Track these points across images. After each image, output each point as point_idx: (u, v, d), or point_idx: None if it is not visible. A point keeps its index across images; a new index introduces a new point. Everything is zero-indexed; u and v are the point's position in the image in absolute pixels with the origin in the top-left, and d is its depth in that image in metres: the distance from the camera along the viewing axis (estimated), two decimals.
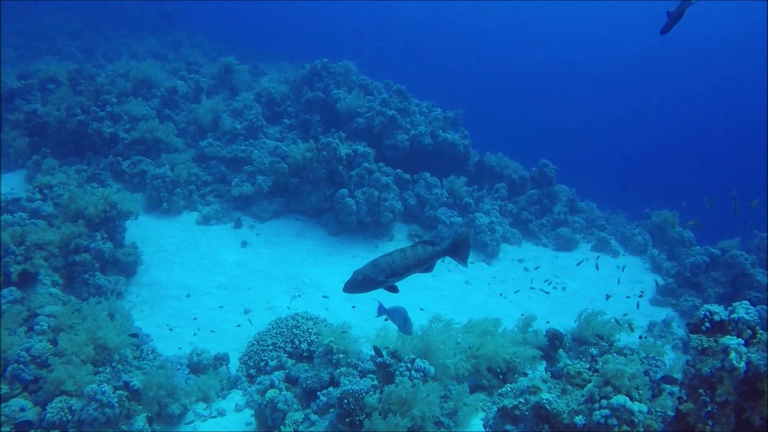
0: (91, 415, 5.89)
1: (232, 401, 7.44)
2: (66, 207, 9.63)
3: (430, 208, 15.17)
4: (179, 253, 11.89)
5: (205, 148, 15.00)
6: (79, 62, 19.71)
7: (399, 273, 4.35)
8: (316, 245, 13.46)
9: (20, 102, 15.20)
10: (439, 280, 13.05)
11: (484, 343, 7.05)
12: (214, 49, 29.31)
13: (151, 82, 16.77)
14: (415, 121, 16.64)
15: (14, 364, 6.12)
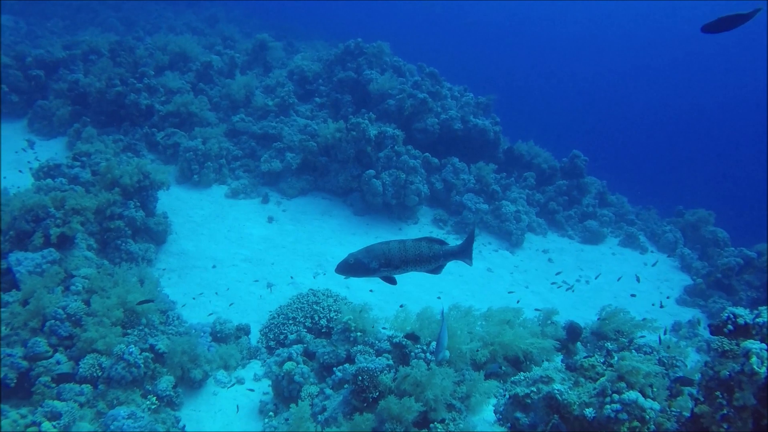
0: (119, 373, 6.19)
1: (251, 371, 7.69)
2: (103, 175, 9.96)
3: (457, 194, 15.15)
4: (207, 224, 12.18)
5: (237, 123, 15.22)
6: (120, 34, 20.11)
7: (394, 264, 4.19)
8: (341, 224, 13.62)
9: (64, 72, 15.65)
10: (461, 265, 13.05)
11: (502, 332, 7.09)
12: (250, 25, 29.47)
13: (187, 56, 17.04)
14: (447, 105, 16.55)
15: (52, 320, 6.45)
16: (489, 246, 14.39)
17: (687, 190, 33.12)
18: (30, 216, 7.80)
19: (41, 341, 6.25)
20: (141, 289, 7.34)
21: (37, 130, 14.51)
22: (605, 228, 16.72)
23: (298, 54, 20.02)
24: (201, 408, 6.83)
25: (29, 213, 7.80)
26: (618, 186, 20.55)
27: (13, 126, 14.67)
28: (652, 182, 35.82)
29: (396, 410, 5.43)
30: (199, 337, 7.54)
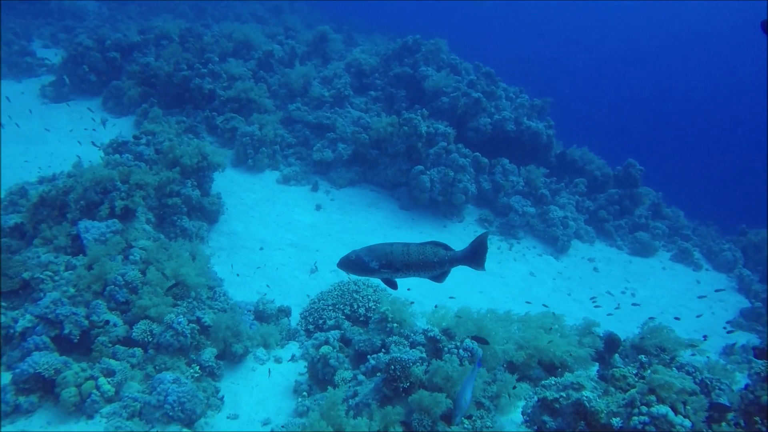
0: (167, 340, 6.60)
1: (289, 351, 8.00)
2: (165, 154, 10.52)
3: (504, 195, 15.08)
4: (258, 208, 12.64)
5: (293, 112, 15.64)
6: (190, 21, 20.99)
7: (396, 267, 4.02)
8: (387, 217, 13.83)
9: (138, 55, 16.53)
10: (504, 267, 13.07)
11: (538, 337, 7.10)
12: (312, 17, 30.04)
13: (250, 44, 17.61)
14: (500, 105, 16.45)
15: (111, 286, 6.94)
16: (533, 250, 14.27)
17: (754, 209, 31.54)
18: (99, 188, 8.37)
19: (101, 304, 6.75)
20: (192, 264, 7.75)
21: (110, 109, 15.41)
22: (657, 241, 16.25)
23: (357, 47, 20.32)
24: (239, 381, 7.18)
25: (99, 185, 8.36)
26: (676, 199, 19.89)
27: (90, 103, 15.64)
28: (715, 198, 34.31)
29: (426, 402, 5.57)
30: (242, 315, 7.90)
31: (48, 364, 5.80)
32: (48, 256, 7.39)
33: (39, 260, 7.26)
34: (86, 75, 16.00)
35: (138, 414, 5.88)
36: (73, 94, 16.00)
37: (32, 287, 6.88)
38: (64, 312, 6.41)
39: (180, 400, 5.88)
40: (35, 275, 6.94)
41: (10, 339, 6.34)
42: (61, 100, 15.65)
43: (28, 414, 5.72)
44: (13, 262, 6.94)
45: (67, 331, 6.33)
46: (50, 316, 6.35)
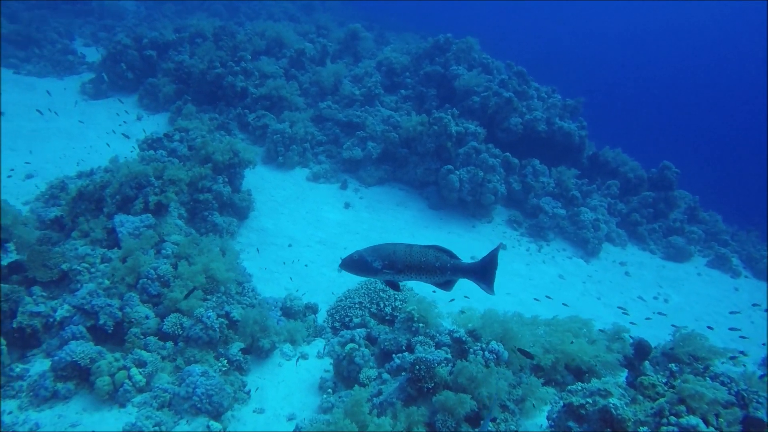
0: (197, 333, 6.75)
1: (315, 348, 8.08)
2: (198, 150, 10.74)
3: (534, 196, 14.91)
4: (287, 205, 12.78)
5: (324, 110, 15.76)
6: (224, 19, 21.34)
7: (398, 268, 3.97)
8: (415, 216, 13.82)
9: (173, 53, 16.90)
10: (533, 269, 12.92)
11: (565, 341, 7.01)
12: (344, 15, 30.17)
13: (282, 42, 17.80)
14: (532, 105, 16.25)
15: (144, 279, 7.13)
16: (563, 252, 14.07)
17: None
18: (134, 183, 8.59)
19: (134, 296, 6.94)
20: (222, 259, 7.90)
21: (146, 105, 15.80)
22: (693, 246, 15.84)
23: (388, 46, 20.35)
24: (266, 376, 7.29)
25: (134, 180, 8.58)
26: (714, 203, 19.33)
27: (126, 100, 16.06)
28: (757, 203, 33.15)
29: (450, 403, 5.56)
30: (270, 311, 8.02)
31: (84, 353, 6.00)
32: (85, 249, 7.63)
33: (77, 252, 7.50)
34: (124, 72, 16.44)
35: (167, 404, 6.03)
36: (112, 91, 16.46)
37: (70, 278, 7.11)
38: (99, 303, 6.61)
39: (208, 393, 6.01)
40: (73, 267, 7.17)
41: (49, 327, 6.58)
42: (100, 97, 16.12)
43: (65, 400, 5.94)
44: (53, 254, 7.18)
45: (102, 321, 6.53)
46: (86, 306, 6.57)
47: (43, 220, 8.41)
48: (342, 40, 19.35)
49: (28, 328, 6.35)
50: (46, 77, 17.12)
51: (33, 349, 6.45)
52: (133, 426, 5.08)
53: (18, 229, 7.32)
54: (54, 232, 8.20)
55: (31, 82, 16.39)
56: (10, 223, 7.26)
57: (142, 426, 5.06)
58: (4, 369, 6.03)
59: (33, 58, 17.84)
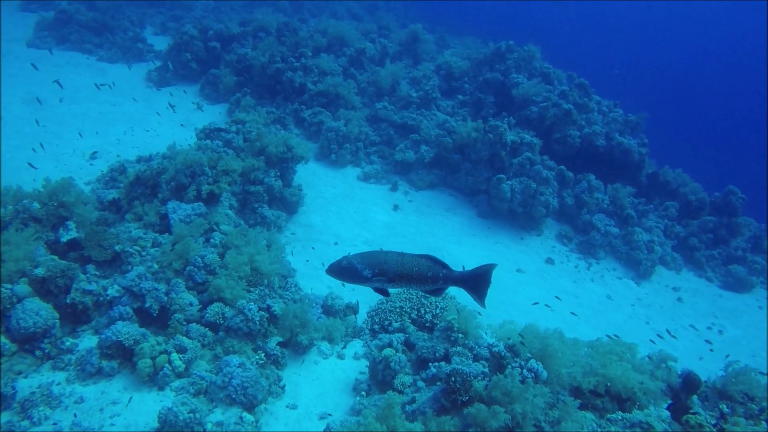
0: (237, 324, 6.85)
1: (352, 349, 8.06)
2: (252, 142, 10.93)
3: (587, 212, 14.44)
4: (336, 202, 12.85)
5: (379, 110, 15.77)
6: (288, 15, 21.71)
7: (389, 276, 3.87)
8: (463, 224, 13.63)
9: (236, 45, 17.32)
10: (579, 287, 12.51)
11: (608, 364, 6.74)
12: (407, 16, 30.16)
13: (343, 41, 17.93)
14: (592, 119, 15.75)
15: (191, 266, 7.30)
16: (613, 272, 13.56)
17: None
18: (189, 171, 8.82)
19: (181, 282, 7.11)
20: (268, 252, 7.99)
21: (206, 95, 16.25)
22: (755, 276, 14.94)
23: (449, 50, 20.18)
24: (301, 373, 7.33)
25: (189, 168, 8.82)
26: None
27: (189, 89, 16.58)
28: None
29: (482, 416, 5.43)
30: (311, 307, 8.06)
31: (129, 334, 6.19)
32: (138, 232, 7.88)
33: (130, 235, 7.76)
34: (188, 62, 16.96)
35: (204, 392, 6.14)
36: (175, 80, 17.02)
37: (122, 259, 7.36)
38: (147, 286, 6.80)
39: (243, 384, 6.08)
40: (125, 249, 7.41)
41: (99, 306, 6.82)
42: (164, 85, 16.70)
43: (108, 377, 6.14)
44: (108, 235, 7.45)
45: (148, 304, 6.72)
46: (135, 288, 6.78)
47: (102, 201, 8.75)
48: (403, 41, 19.33)
49: (80, 304, 6.61)
50: (116, 63, 17.88)
51: (83, 325, 6.71)
52: (169, 411, 5.19)
53: (79, 208, 7.62)
54: (111, 213, 8.52)
55: (103, 67, 17.15)
56: (73, 201, 7.57)
57: (178, 412, 5.17)
58: (56, 342, 6.29)
59: (106, 44, 18.67)
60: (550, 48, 18.39)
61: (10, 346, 5.94)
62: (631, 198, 15.10)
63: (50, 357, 6.17)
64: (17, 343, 6.02)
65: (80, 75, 16.09)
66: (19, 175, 9.71)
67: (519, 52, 17.16)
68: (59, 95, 14.38)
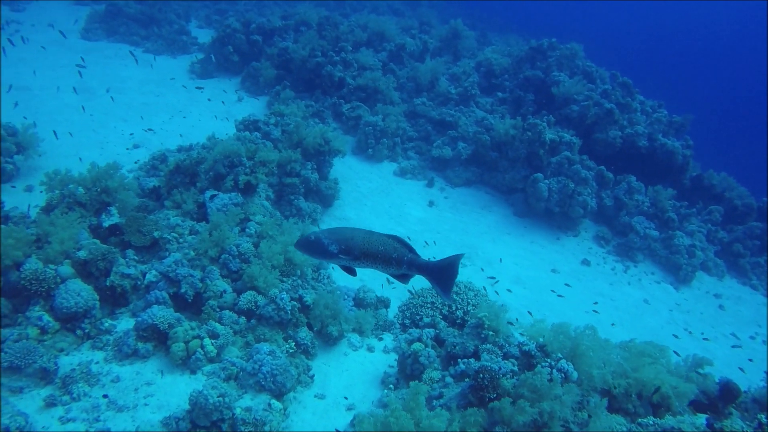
0: (269, 313, 6.95)
1: (382, 342, 8.08)
2: (290, 135, 11.05)
3: (626, 214, 14.06)
4: (372, 197, 12.88)
5: (417, 106, 15.71)
6: (330, 10, 21.81)
7: (354, 254, 3.80)
8: (498, 222, 13.48)
9: (277, 39, 17.53)
10: (615, 290, 12.21)
11: (641, 367, 6.54)
12: (448, 12, 29.89)
13: (384, 36, 17.92)
14: (635, 119, 15.30)
15: (226, 255, 7.45)
16: (651, 276, 13.18)
17: None
18: (227, 161, 8.99)
19: (215, 270, 7.26)
20: None
21: (247, 88, 16.51)
22: None
23: (489, 47, 19.93)
24: (331, 363, 7.38)
25: (227, 158, 8.98)
26: None
27: (230, 81, 16.89)
28: None
29: (508, 411, 5.36)
30: (342, 299, 8.11)
31: (164, 318, 6.36)
32: (176, 219, 8.08)
33: (168, 222, 7.96)
34: (230, 55, 17.26)
35: (234, 377, 6.26)
36: (217, 72, 17.36)
37: (160, 246, 7.56)
38: (183, 272, 6.97)
39: (273, 372, 6.16)
40: (164, 235, 7.61)
41: (137, 289, 7.03)
42: (206, 77, 17.05)
43: (144, 359, 6.32)
44: (148, 221, 7.66)
45: (184, 290, 6.88)
46: (171, 274, 6.95)
47: (143, 189, 9.00)
48: (443, 37, 19.20)
49: (119, 287, 6.82)
50: (161, 55, 18.36)
51: (121, 308, 6.92)
52: (200, 394, 5.31)
53: (121, 194, 7.87)
54: (151, 200, 8.76)
55: (148, 59, 17.62)
56: (116, 187, 7.82)
57: (208, 395, 5.28)
58: (96, 322, 6.52)
59: (152, 36, 19.18)
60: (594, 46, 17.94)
61: (54, 324, 6.18)
62: (672, 201, 14.62)
63: (90, 337, 6.39)
64: (60, 321, 6.26)
65: (127, 66, 16.58)
66: (67, 161, 10.08)
67: (561, 50, 16.82)
68: (106, 85, 14.86)
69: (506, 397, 5.61)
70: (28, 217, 7.64)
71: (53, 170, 7.97)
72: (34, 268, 6.26)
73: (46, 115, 12.46)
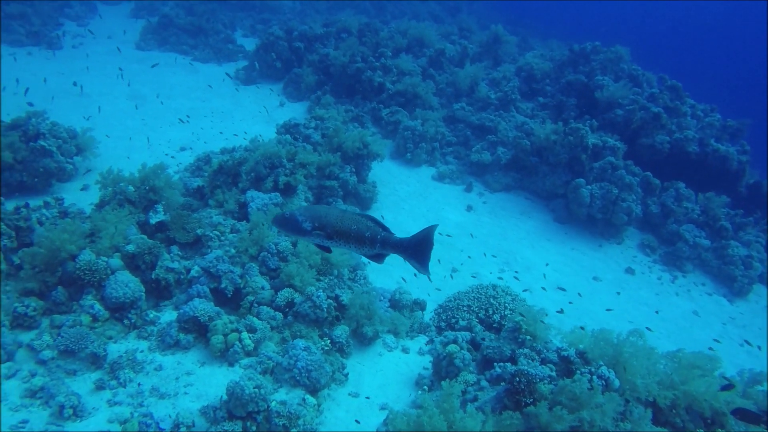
0: (305, 310, 7.05)
1: (417, 344, 8.05)
2: (330, 138, 11.21)
3: (675, 222, 13.58)
4: (409, 201, 12.89)
5: (457, 111, 15.68)
6: (370, 17, 22.08)
7: (328, 232, 3.82)
8: (538, 228, 13.26)
9: (319, 46, 17.84)
10: (662, 300, 11.80)
11: (690, 379, 6.29)
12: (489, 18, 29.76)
13: (423, 42, 17.99)
14: (684, 123, 14.81)
15: (265, 252, 7.61)
16: (701, 287, 12.66)
17: None
18: (268, 162, 9.20)
19: (255, 267, 7.42)
20: None
21: (288, 93, 16.86)
22: None
23: (530, 52, 19.71)
24: (365, 363, 7.41)
25: (268, 160, 9.19)
26: None
27: (272, 87, 17.27)
28: None
29: (544, 419, 5.25)
30: (378, 300, 8.14)
31: (204, 311, 6.55)
32: (218, 218, 8.32)
33: (211, 220, 8.20)
34: (273, 62, 17.66)
35: (270, 371, 6.37)
36: (261, 78, 17.79)
37: (203, 243, 7.80)
38: (223, 268, 7.16)
39: (308, 368, 6.24)
40: (206, 233, 7.85)
41: (180, 283, 7.27)
42: (250, 83, 17.51)
43: (185, 350, 6.54)
44: (192, 219, 7.92)
45: (224, 285, 7.07)
46: (212, 270, 7.15)
47: (188, 188, 9.31)
48: (483, 42, 19.12)
49: (164, 280, 7.07)
50: (208, 63, 18.97)
51: (165, 300, 7.19)
52: (236, 384, 5.43)
53: (168, 192, 8.16)
54: (195, 200, 9.04)
55: (196, 67, 18.22)
56: (162, 186, 8.11)
57: (244, 386, 5.39)
58: (141, 313, 6.77)
59: (200, 45, 19.86)
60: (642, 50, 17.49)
61: (104, 312, 6.51)
62: (726, 209, 14.04)
63: (136, 326, 6.68)
64: (109, 310, 6.60)
65: (176, 74, 17.20)
66: (119, 162, 10.51)
67: (605, 53, 16.48)
68: (156, 92, 15.45)
69: (543, 402, 5.49)
70: (83, 213, 8.03)
71: (106, 170, 8.35)
72: (87, 260, 6.60)
73: (103, 119, 13.05)
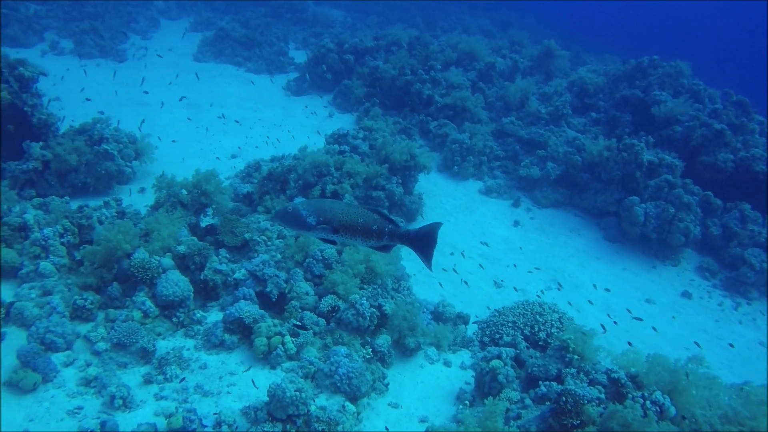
0: (348, 318, 7.03)
1: (459, 358, 7.89)
2: (378, 150, 11.25)
3: (738, 245, 12.87)
4: (455, 214, 12.76)
5: (506, 125, 15.48)
6: (420, 31, 22.22)
7: (334, 226, 3.74)
8: (588, 246, 12.85)
9: (369, 58, 18.05)
10: (723, 327, 11.17)
11: (761, 416, 5.83)
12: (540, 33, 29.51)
13: (474, 56, 17.92)
14: (751, 141, 14.10)
15: (310, 259, 7.67)
16: None
17: None
18: (315, 171, 9.30)
19: (299, 272, 7.47)
20: (383, 254, 8.11)
21: (337, 104, 17.09)
22: None
23: (584, 66, 19.33)
24: (406, 374, 7.30)
25: (316, 168, 9.30)
26: None
27: (322, 99, 17.57)
28: None
29: None
30: (420, 312, 8.03)
31: (249, 313, 6.63)
32: (266, 224, 8.43)
33: (258, 225, 8.33)
34: (324, 74, 17.96)
35: (311, 377, 6.35)
36: (311, 90, 18.13)
37: (250, 247, 7.92)
38: (269, 273, 7.24)
39: (348, 375, 6.19)
40: (254, 237, 7.97)
41: (227, 285, 7.41)
42: (301, 94, 17.87)
43: (229, 350, 6.64)
44: (240, 224, 8.07)
45: (269, 289, 7.15)
46: (258, 273, 7.24)
47: (237, 194, 9.50)
48: (535, 57, 18.89)
49: (211, 282, 7.22)
50: (260, 74, 19.49)
51: (212, 301, 7.34)
52: (278, 387, 5.43)
53: (218, 197, 8.37)
54: (244, 205, 9.21)
55: (249, 78, 18.75)
56: (213, 190, 8.31)
57: (285, 388, 5.39)
58: (189, 312, 6.93)
59: (253, 57, 20.45)
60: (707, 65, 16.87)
61: (154, 309, 6.70)
62: None
63: (183, 325, 6.84)
64: (159, 308, 6.79)
65: (230, 84, 17.73)
66: (174, 167, 10.86)
67: (664, 67, 15.96)
68: (210, 101, 15.95)
69: (591, 426, 5.25)
70: (139, 214, 8.33)
71: (161, 174, 8.65)
72: (141, 258, 6.81)
73: (160, 126, 13.57)
